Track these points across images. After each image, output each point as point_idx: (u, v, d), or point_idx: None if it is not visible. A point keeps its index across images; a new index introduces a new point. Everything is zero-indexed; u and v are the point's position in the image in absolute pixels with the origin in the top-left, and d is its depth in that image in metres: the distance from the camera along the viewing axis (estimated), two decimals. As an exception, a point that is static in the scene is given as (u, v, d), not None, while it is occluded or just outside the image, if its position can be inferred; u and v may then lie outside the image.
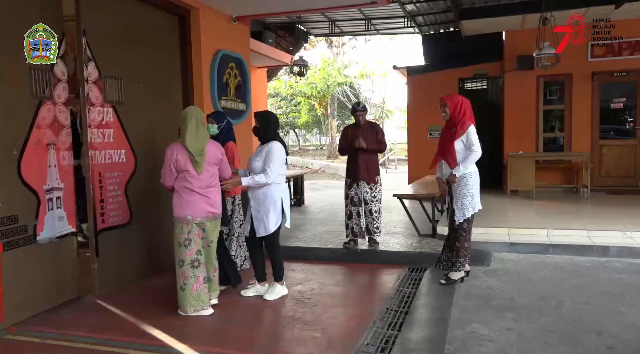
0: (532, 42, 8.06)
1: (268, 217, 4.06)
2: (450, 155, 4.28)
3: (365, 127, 5.50)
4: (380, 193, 5.55)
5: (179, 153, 3.75)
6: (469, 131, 4.24)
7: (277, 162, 4.03)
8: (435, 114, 10.06)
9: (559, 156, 9.22)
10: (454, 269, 4.36)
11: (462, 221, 4.30)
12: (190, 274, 3.77)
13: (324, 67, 21.70)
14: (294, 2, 6.10)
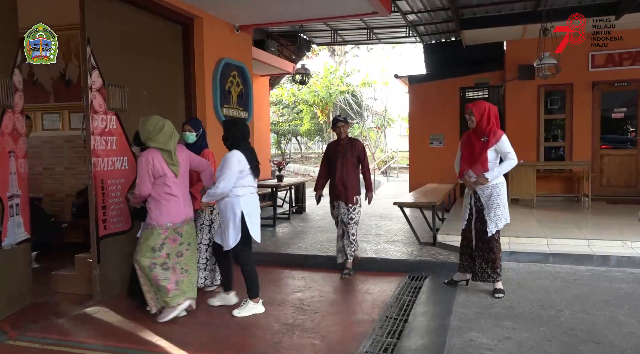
0: (533, 52, 8.12)
1: (227, 232, 3.96)
2: (482, 164, 4.19)
3: (345, 144, 5.12)
4: (359, 215, 5.16)
5: (155, 159, 3.73)
6: (502, 139, 4.17)
7: (230, 172, 3.85)
8: (437, 122, 10.25)
9: (559, 165, 9.24)
10: (499, 278, 4.29)
11: (495, 231, 4.26)
12: (163, 276, 3.79)
13: (326, 75, 21.78)
14: (296, 12, 6.17)
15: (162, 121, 3.83)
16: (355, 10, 6.11)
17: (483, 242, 4.32)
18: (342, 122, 5.12)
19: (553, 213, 7.69)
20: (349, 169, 5.06)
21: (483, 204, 4.26)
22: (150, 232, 3.80)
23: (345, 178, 5.06)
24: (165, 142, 3.75)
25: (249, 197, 4.02)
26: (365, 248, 6.03)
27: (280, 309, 4.14)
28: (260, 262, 5.71)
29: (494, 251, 4.28)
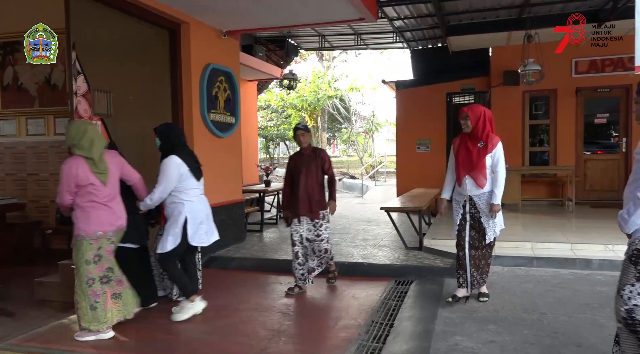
0: (518, 58, 8.24)
1: (166, 236, 3.91)
2: (480, 171, 4.09)
3: (308, 155, 4.68)
4: (327, 231, 4.71)
5: (79, 167, 3.53)
6: (499, 147, 4.11)
7: (166, 179, 3.82)
8: (424, 127, 10.34)
9: (544, 169, 9.36)
10: (484, 282, 4.32)
11: (493, 238, 4.23)
12: (101, 292, 3.60)
13: (315, 80, 21.86)
14: (283, 18, 6.20)
15: (85, 125, 3.67)
16: (343, 17, 6.16)
17: (477, 250, 4.23)
18: (301, 130, 4.67)
19: (538, 217, 7.79)
20: (313, 181, 4.61)
21: (480, 211, 4.17)
22: (80, 243, 3.58)
23: (310, 192, 4.59)
24: (89, 148, 3.55)
25: (195, 202, 3.98)
26: (352, 253, 6.05)
27: (266, 314, 4.14)
28: (247, 268, 5.74)
29: (486, 258, 4.26)
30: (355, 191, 15.82)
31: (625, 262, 2.53)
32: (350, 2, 5.37)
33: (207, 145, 6.08)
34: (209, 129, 6.11)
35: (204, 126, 6.02)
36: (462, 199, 4.26)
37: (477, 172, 4.09)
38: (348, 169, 21.84)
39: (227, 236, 6.44)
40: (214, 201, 6.11)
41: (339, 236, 7.27)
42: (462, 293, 4.30)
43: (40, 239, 6.20)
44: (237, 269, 5.77)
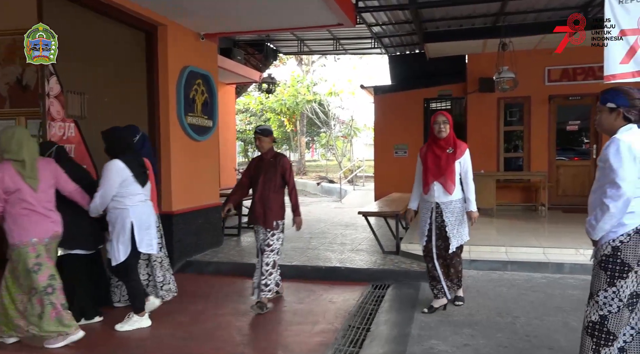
0: (493, 66, 8.40)
1: (116, 245, 3.78)
2: (450, 177, 4.04)
3: (268, 161, 4.42)
4: (279, 242, 4.44)
5: (5, 172, 3.39)
6: (467, 153, 4.10)
7: (107, 184, 3.70)
8: (401, 132, 10.43)
9: (518, 175, 9.54)
10: (459, 286, 4.33)
11: (457, 247, 4.15)
12: (47, 301, 3.45)
13: (294, 84, 21.89)
14: (262, 22, 6.19)
15: (14, 129, 3.59)
16: (321, 22, 6.18)
17: (445, 259, 4.20)
18: (258, 134, 4.39)
19: (512, 222, 7.93)
20: (270, 189, 4.36)
21: (445, 220, 4.08)
22: (18, 253, 3.43)
23: (265, 199, 4.34)
24: (17, 151, 3.41)
25: (139, 207, 3.86)
26: (330, 257, 6.06)
27: (243, 319, 4.11)
28: (224, 273, 5.69)
29: (455, 266, 4.23)
30: (334, 195, 15.85)
31: (595, 268, 2.60)
32: (329, 8, 5.39)
33: (184, 148, 6.02)
34: (186, 133, 6.05)
35: (180, 129, 5.96)
36: (429, 207, 4.16)
37: (447, 178, 4.03)
38: (327, 173, 21.88)
39: (203, 240, 6.38)
40: (191, 205, 6.09)
41: (317, 240, 7.27)
42: (439, 303, 4.19)
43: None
44: (214, 273, 5.71)
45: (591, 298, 2.59)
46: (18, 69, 6.24)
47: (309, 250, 6.52)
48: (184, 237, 5.96)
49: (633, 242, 2.45)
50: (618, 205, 2.41)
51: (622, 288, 2.47)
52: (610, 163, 2.43)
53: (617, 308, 2.48)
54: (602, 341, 2.51)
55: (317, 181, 19.06)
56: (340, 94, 22.14)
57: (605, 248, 2.52)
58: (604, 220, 2.46)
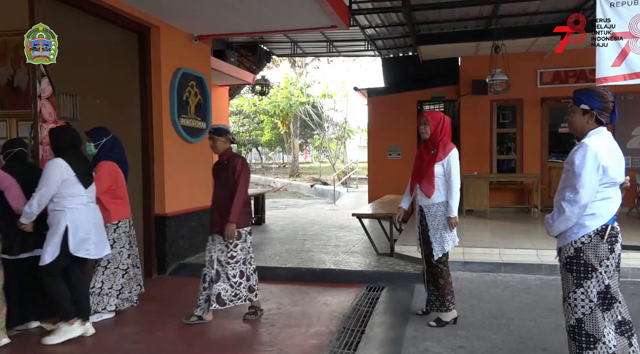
0: (486, 68, 8.44)
1: (46, 246, 3.57)
2: (428, 179, 3.87)
3: (222, 164, 4.12)
4: (244, 252, 4.06)
5: None
6: (451, 154, 3.85)
7: (47, 184, 3.52)
8: (395, 134, 10.45)
9: (511, 177, 9.60)
10: (443, 309, 3.89)
11: (442, 255, 3.89)
12: None
13: (287, 86, 21.89)
14: (255, 24, 6.17)
15: None
16: (315, 24, 6.18)
17: (431, 267, 3.95)
18: (211, 132, 4.09)
19: (505, 224, 7.96)
20: (224, 195, 4.02)
21: (428, 224, 3.91)
22: None
23: (220, 206, 4.02)
24: None
25: (79, 211, 3.65)
26: (324, 259, 6.05)
27: (237, 322, 4.09)
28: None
29: (442, 276, 3.89)
30: (328, 197, 15.86)
31: (562, 271, 2.62)
32: (323, 10, 5.39)
33: (178, 150, 5.99)
34: (180, 134, 6.02)
35: (174, 131, 5.93)
36: (417, 210, 4.07)
37: (425, 181, 3.89)
38: (320, 175, 21.88)
39: (197, 242, 6.34)
40: (184, 207, 6.05)
41: (311, 242, 7.26)
42: (449, 316, 3.93)
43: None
44: (207, 276, 5.68)
45: (564, 301, 2.61)
46: (9, 71, 6.17)
47: (303, 252, 6.51)
48: (178, 240, 5.92)
49: (594, 243, 2.50)
50: (574, 210, 2.48)
51: (589, 288, 2.51)
52: (574, 167, 2.48)
53: (589, 309, 2.51)
54: (583, 344, 2.53)
55: (311, 183, 19.05)
56: (333, 96, 22.17)
57: (568, 250, 2.56)
58: (560, 221, 2.55)
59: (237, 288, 4.05)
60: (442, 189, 3.89)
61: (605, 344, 2.50)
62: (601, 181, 2.47)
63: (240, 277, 4.06)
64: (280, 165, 30.18)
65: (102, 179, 4.06)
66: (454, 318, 3.90)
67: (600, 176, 2.46)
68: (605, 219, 2.51)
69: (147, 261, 5.60)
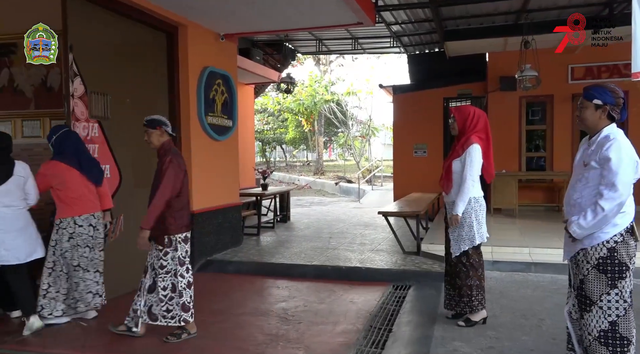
0: (515, 64, 8.27)
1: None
2: (447, 175, 3.76)
3: (158, 162, 3.69)
4: (174, 262, 3.62)
5: None
6: (469, 150, 3.65)
7: None
8: (420, 132, 10.35)
9: (541, 175, 9.39)
10: (469, 310, 3.78)
11: (459, 254, 3.77)
12: None
13: (311, 84, 21.89)
14: (281, 22, 6.18)
15: None
16: (340, 21, 6.16)
17: (450, 266, 3.89)
18: (145, 125, 3.70)
19: (535, 223, 7.79)
20: (152, 195, 3.58)
21: (448, 221, 3.84)
22: None
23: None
24: None
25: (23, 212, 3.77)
26: (350, 257, 6.03)
27: (263, 319, 4.11)
28: (244, 272, 5.70)
29: (460, 277, 3.78)
30: (352, 195, 15.81)
31: (591, 273, 2.52)
32: (349, 7, 5.36)
33: (205, 148, 6.06)
34: (206, 132, 6.08)
35: (201, 129, 5.99)
36: (444, 206, 4.03)
37: (444, 177, 3.81)
38: (345, 173, 21.83)
39: (224, 239, 6.41)
40: (211, 205, 6.12)
41: (336, 240, 7.25)
42: (479, 316, 3.85)
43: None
44: (234, 273, 5.73)
45: (592, 305, 2.51)
46: (42, 71, 6.35)
47: (328, 250, 6.50)
48: (204, 237, 5.99)
49: (625, 242, 2.46)
50: (614, 208, 2.40)
51: (623, 288, 2.45)
52: (610, 164, 2.41)
53: (623, 310, 2.45)
54: (618, 348, 2.44)
55: (335, 181, 19.03)
56: (358, 93, 22.07)
57: (600, 250, 2.47)
58: (598, 221, 2.44)
59: (169, 303, 3.60)
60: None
61: (634, 345, 2.44)
62: None
63: (172, 290, 3.61)
64: (304, 163, 30.23)
65: (37, 180, 4.01)
66: (483, 318, 3.83)
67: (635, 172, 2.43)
68: (632, 217, 2.48)
69: (175, 257, 5.68)
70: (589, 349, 2.55)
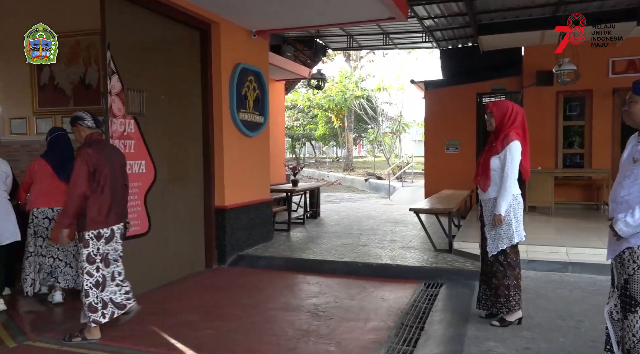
0: (552, 58, 8.02)
1: None
2: (483, 173, 3.68)
3: None
4: (89, 262, 3.47)
5: None
6: (509, 147, 3.56)
7: None
8: (453, 128, 10.19)
9: (578, 172, 9.09)
10: (506, 311, 3.69)
11: (496, 253, 3.68)
12: None
13: (342, 80, 21.83)
14: (313, 18, 6.18)
15: None
16: (372, 16, 6.11)
17: (486, 265, 3.78)
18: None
19: (572, 221, 7.57)
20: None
21: (484, 219, 3.74)
22: None
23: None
24: None
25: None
26: (381, 254, 5.99)
27: (295, 314, 4.13)
28: (274, 267, 5.74)
29: (497, 276, 3.69)
30: (382, 192, 15.72)
31: (637, 272, 2.41)
32: (381, 1, 5.31)
33: (236, 144, 6.12)
34: (238, 129, 6.14)
35: (233, 125, 6.05)
36: (478, 203, 3.93)
37: (481, 174, 3.71)
38: (374, 169, 21.71)
39: (255, 235, 6.47)
40: (243, 200, 6.18)
41: (367, 236, 7.22)
42: (514, 316, 3.76)
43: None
44: (264, 268, 5.78)
45: (637, 306, 2.40)
46: (81, 69, 6.55)
47: (359, 246, 6.48)
48: (236, 232, 6.06)
49: None
50: None
51: None
52: None
53: None
54: None
55: (365, 178, 18.95)
56: (388, 89, 21.88)
57: None
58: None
59: (85, 299, 3.49)
60: (499, 183, 3.64)
61: None
62: None
63: (91, 287, 3.49)
64: (333, 159, 30.21)
65: (26, 174, 4.53)
66: (518, 318, 3.73)
67: None
68: None
69: (208, 251, 5.77)
70: (632, 351, 2.46)
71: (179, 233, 5.29)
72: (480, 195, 3.85)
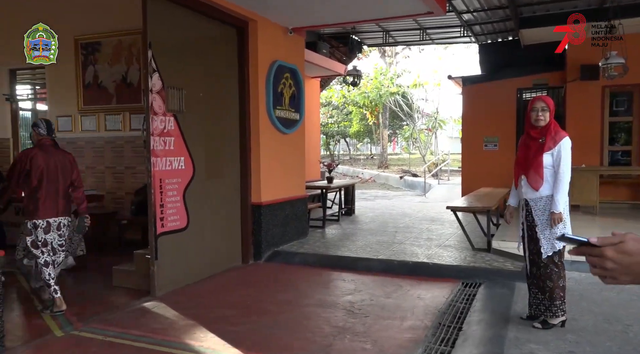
0: (597, 51, 7.70)
1: None
2: (536, 170, 3.55)
3: None
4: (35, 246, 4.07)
5: None
6: (562, 143, 3.48)
7: None
8: (491, 124, 9.94)
9: (625, 170, 8.72)
10: (550, 315, 3.59)
11: (552, 253, 3.57)
12: None
13: (377, 76, 21.65)
14: (349, 13, 6.14)
15: None
16: (410, 11, 6.02)
17: (538, 267, 3.63)
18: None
19: (618, 221, 7.27)
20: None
21: (535, 219, 3.61)
22: None
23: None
24: None
25: None
26: (417, 252, 5.92)
27: (330, 311, 4.13)
28: (310, 264, 5.76)
29: (552, 278, 3.57)
30: (417, 189, 15.54)
31: None
32: (419, -4, 5.23)
33: (272, 141, 6.16)
34: (274, 125, 6.18)
35: (269, 122, 6.10)
36: (521, 204, 3.76)
37: (533, 172, 3.56)
38: (409, 166, 21.47)
39: (290, 231, 6.51)
40: (278, 197, 6.22)
41: (402, 234, 7.15)
42: (557, 319, 3.65)
43: (115, 229, 6.55)
44: (299, 264, 5.81)
45: None
46: (123, 68, 6.74)
47: (394, 244, 6.42)
48: (272, 228, 6.11)
49: None
50: None
51: None
52: None
53: None
54: None
55: (400, 175, 18.77)
56: (425, 85, 21.56)
57: None
58: None
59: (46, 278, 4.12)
60: (551, 181, 3.55)
61: None
62: None
63: (35, 266, 4.22)
64: (368, 156, 30.06)
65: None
66: (562, 321, 3.62)
67: None
68: None
69: (244, 247, 5.85)
70: None
71: (216, 229, 5.38)
72: (527, 194, 3.67)
